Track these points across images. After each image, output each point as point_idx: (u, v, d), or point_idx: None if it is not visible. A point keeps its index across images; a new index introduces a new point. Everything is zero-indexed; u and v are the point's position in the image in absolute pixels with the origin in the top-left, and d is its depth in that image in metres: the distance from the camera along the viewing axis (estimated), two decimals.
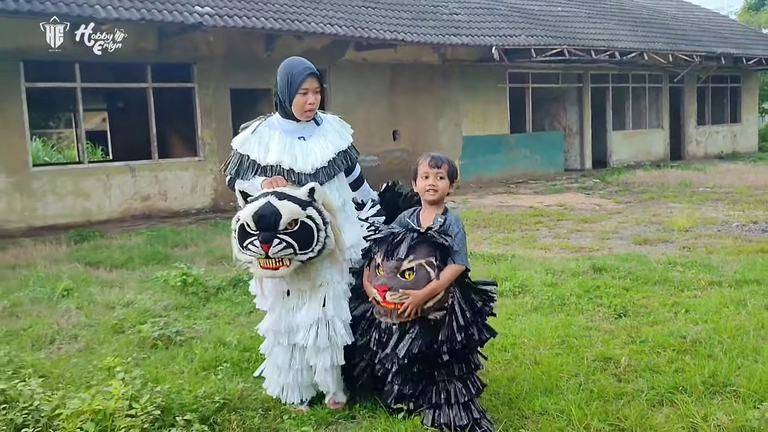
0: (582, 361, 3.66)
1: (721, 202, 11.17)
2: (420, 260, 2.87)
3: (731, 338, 3.84)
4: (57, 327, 4.67)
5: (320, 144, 3.22)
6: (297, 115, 3.17)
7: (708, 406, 2.95)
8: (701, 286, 5.32)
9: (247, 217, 2.82)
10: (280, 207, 2.83)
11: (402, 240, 2.93)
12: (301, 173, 3.11)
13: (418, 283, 2.84)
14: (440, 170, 3.04)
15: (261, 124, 3.21)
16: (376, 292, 2.90)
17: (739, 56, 20.01)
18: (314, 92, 3.16)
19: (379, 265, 2.95)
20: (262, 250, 2.81)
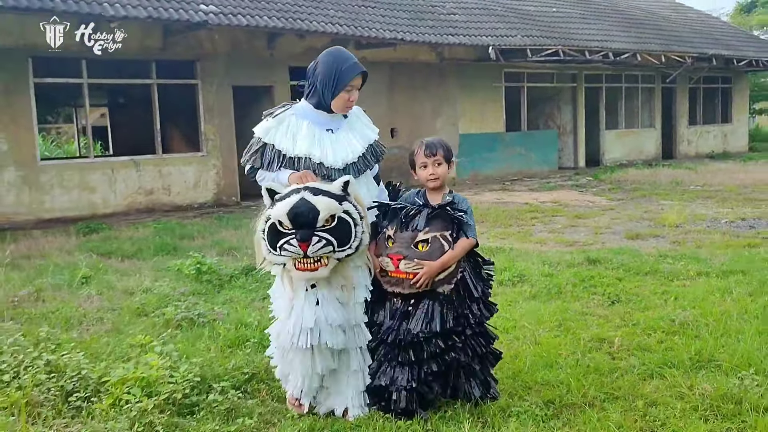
0: (578, 342, 3.96)
1: (711, 200, 11.52)
2: (435, 233, 2.92)
3: (716, 321, 4.15)
4: (83, 310, 4.93)
5: (349, 138, 3.11)
6: (336, 110, 3.07)
7: (693, 378, 3.26)
8: (690, 276, 5.63)
9: (281, 215, 2.70)
10: (316, 203, 2.70)
11: (418, 213, 2.99)
12: (331, 168, 2.99)
13: (433, 255, 2.88)
14: (436, 157, 3.09)
15: (287, 112, 3.06)
16: (388, 261, 2.91)
17: (730, 57, 20.37)
18: (357, 89, 3.11)
19: (390, 237, 2.97)
20: (300, 249, 2.69)
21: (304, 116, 3.04)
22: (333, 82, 2.99)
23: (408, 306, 2.95)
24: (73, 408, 2.94)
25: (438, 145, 3.13)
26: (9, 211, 10.37)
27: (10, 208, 10.39)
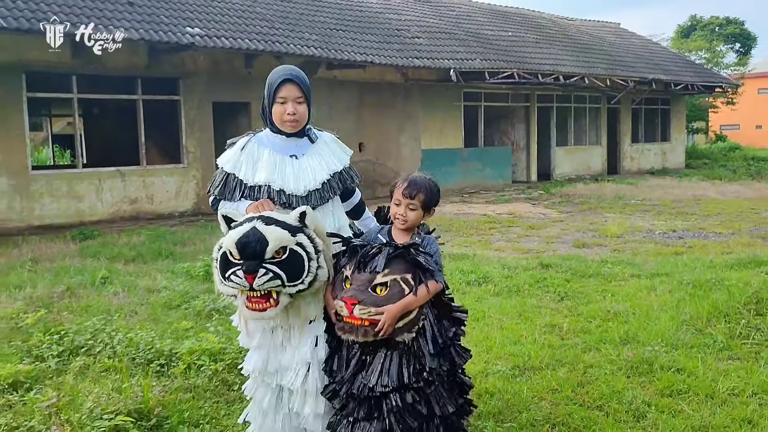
0: (535, 327, 5.00)
1: (649, 213, 12.85)
2: (395, 275, 2.63)
3: (641, 311, 5.24)
4: (116, 304, 5.75)
5: (313, 164, 2.93)
6: (279, 126, 2.90)
7: (621, 350, 4.32)
8: (624, 278, 6.76)
9: (230, 244, 2.53)
10: (266, 233, 2.54)
11: (378, 252, 2.70)
12: (292, 195, 2.83)
13: (390, 300, 2.60)
14: (413, 201, 2.82)
15: (250, 141, 2.92)
16: (342, 305, 2.61)
17: (668, 82, 22.07)
18: (294, 101, 2.86)
19: (348, 278, 2.69)
20: (246, 281, 2.51)
21: (265, 144, 2.90)
22: (267, 97, 2.89)
23: (364, 355, 2.69)
24: (155, 371, 3.82)
25: (422, 188, 2.84)
26: (1, 217, 10.96)
27: (1, 215, 10.97)
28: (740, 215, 12.37)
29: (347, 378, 2.68)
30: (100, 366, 3.81)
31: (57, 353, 4.04)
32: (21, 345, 4.31)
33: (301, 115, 2.88)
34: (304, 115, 2.89)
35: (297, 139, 2.94)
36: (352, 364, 2.69)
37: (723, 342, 4.35)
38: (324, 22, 14.99)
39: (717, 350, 4.25)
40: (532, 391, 3.62)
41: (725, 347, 4.28)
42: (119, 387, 3.42)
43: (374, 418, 2.67)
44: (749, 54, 50.13)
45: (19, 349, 4.25)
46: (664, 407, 3.39)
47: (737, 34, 49.69)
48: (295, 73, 2.89)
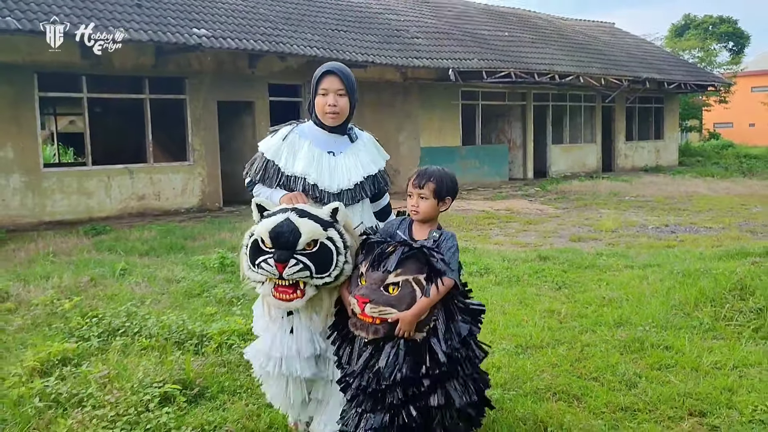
0: (535, 312, 5.36)
1: (642, 209, 13.24)
2: (407, 276, 2.66)
3: (634, 298, 5.61)
4: (139, 293, 6.08)
5: (349, 163, 2.99)
6: (320, 118, 2.96)
7: (614, 331, 4.69)
8: (618, 268, 7.13)
9: (263, 232, 2.63)
10: (300, 225, 2.63)
11: (392, 251, 2.72)
12: (324, 191, 2.91)
13: (402, 300, 2.63)
14: (422, 191, 2.86)
15: (292, 131, 3.01)
16: (355, 302, 2.67)
17: (661, 81, 22.47)
18: (336, 94, 2.92)
19: (363, 275, 2.73)
20: (276, 269, 2.61)
21: (306, 136, 2.99)
22: (312, 89, 2.98)
23: (374, 350, 2.74)
24: (188, 350, 4.17)
25: (431, 177, 2.89)
26: (14, 213, 11.28)
27: (15, 211, 11.30)
28: (730, 211, 12.77)
29: (358, 371, 2.73)
30: (138, 345, 4.16)
31: (97, 334, 4.39)
32: (62, 327, 4.66)
33: (342, 107, 2.93)
34: (345, 108, 2.95)
35: (338, 136, 3.00)
36: (362, 358, 2.73)
37: (708, 324, 4.72)
38: (325, 22, 15.34)
39: (703, 331, 4.62)
40: (535, 366, 3.99)
41: (710, 328, 4.66)
42: (161, 362, 3.77)
43: (380, 410, 2.72)
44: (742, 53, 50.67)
45: (60, 330, 4.60)
46: (653, 378, 3.76)
47: (730, 33, 50.20)
48: (339, 67, 2.97)
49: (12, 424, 3.10)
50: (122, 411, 3.04)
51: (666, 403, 3.40)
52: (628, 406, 3.38)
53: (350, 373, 2.77)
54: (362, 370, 2.73)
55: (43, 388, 3.40)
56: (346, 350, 2.82)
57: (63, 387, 3.40)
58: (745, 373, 3.82)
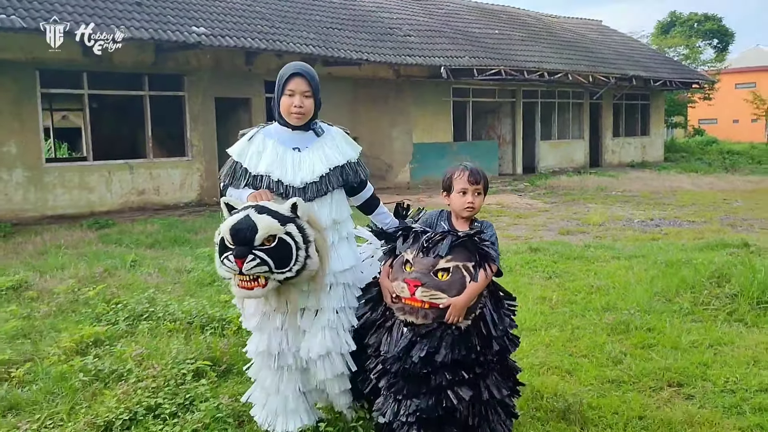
0: (528, 299, 5.73)
1: (628, 204, 13.68)
2: (458, 262, 2.71)
3: (620, 286, 6.00)
4: (153, 282, 6.39)
5: (314, 157, 3.04)
6: (285, 118, 3.03)
7: (602, 315, 5.07)
8: (606, 259, 7.52)
9: (225, 230, 2.70)
10: (257, 221, 2.68)
11: (441, 239, 2.78)
12: (289, 186, 2.97)
13: (452, 285, 2.67)
14: (479, 186, 2.96)
15: (258, 132, 3.08)
16: (404, 286, 2.70)
17: (647, 78, 22.94)
18: (302, 95, 2.99)
19: (408, 262, 2.77)
20: (236, 265, 2.66)
21: (271, 135, 3.06)
22: (276, 89, 3.04)
23: (415, 336, 2.76)
24: (210, 332, 4.51)
25: (481, 173, 3.02)
26: (17, 208, 11.53)
27: (18, 206, 11.55)
28: (713, 205, 13.23)
29: (399, 354, 2.74)
30: (164, 328, 4.49)
31: (123, 318, 4.71)
32: (89, 313, 4.98)
33: (307, 108, 3.01)
34: (310, 108, 3.02)
35: (302, 133, 3.06)
36: (402, 344, 2.74)
37: (688, 308, 5.12)
38: (321, 21, 15.64)
39: (682, 315, 5.01)
40: (530, 345, 4.36)
41: (689, 312, 5.05)
42: (189, 342, 4.11)
43: (424, 394, 2.73)
44: (727, 50, 51.37)
45: (87, 316, 4.92)
46: (637, 356, 4.14)
47: (715, 30, 50.88)
48: (305, 69, 3.03)
49: (60, 397, 3.43)
50: (162, 384, 3.37)
51: (648, 376, 3.79)
52: (614, 379, 3.76)
53: (391, 359, 2.78)
54: (403, 355, 2.73)
55: (83, 365, 3.73)
56: (384, 337, 2.85)
57: (102, 364, 3.73)
58: (719, 350, 4.21)
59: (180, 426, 2.98)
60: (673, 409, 3.33)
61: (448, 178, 3.01)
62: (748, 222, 10.78)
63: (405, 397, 2.77)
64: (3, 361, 3.83)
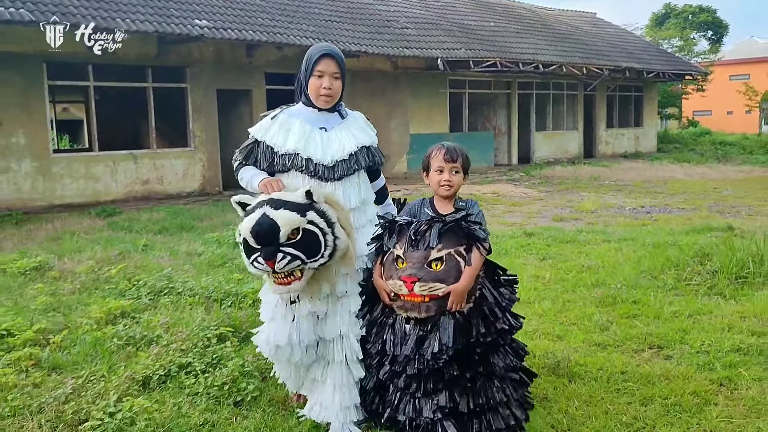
0: (523, 277, 6.06)
1: (621, 192, 14.04)
2: (450, 249, 2.70)
3: (609, 265, 6.36)
4: (167, 264, 6.72)
5: (342, 136, 3.01)
6: (313, 100, 3.00)
7: (591, 290, 5.43)
8: (597, 242, 7.88)
9: (245, 232, 2.63)
10: (277, 218, 2.60)
11: (428, 228, 2.75)
12: (319, 164, 2.91)
13: (449, 273, 2.67)
14: (455, 164, 2.94)
15: (282, 112, 3.03)
16: (401, 284, 2.68)
17: (641, 70, 23.28)
18: (331, 76, 2.98)
19: (399, 257, 2.74)
20: (267, 266, 2.61)
21: (296, 115, 3.02)
22: (305, 70, 3.00)
23: (421, 330, 2.75)
24: (228, 305, 4.85)
25: (460, 151, 3.01)
26: (26, 197, 11.84)
27: (26, 195, 11.85)
28: (703, 194, 13.60)
29: (411, 355, 2.72)
30: (185, 301, 4.83)
31: (146, 294, 5.05)
32: (113, 289, 5.31)
33: (336, 90, 3.01)
34: (338, 90, 3.03)
35: (328, 114, 3.04)
36: (411, 341, 2.73)
37: (672, 284, 5.48)
38: (319, 13, 15.93)
39: (666, 290, 5.37)
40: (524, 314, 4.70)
41: (673, 287, 5.41)
42: (209, 313, 4.45)
43: (439, 390, 2.72)
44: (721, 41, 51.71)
45: (111, 291, 5.26)
46: (622, 324, 4.50)
47: (709, 22, 51.20)
48: (334, 50, 3.03)
49: (98, 358, 3.77)
50: (190, 346, 3.72)
51: (631, 340, 4.15)
52: (600, 343, 4.12)
53: (401, 360, 2.76)
54: (415, 354, 2.72)
55: (115, 332, 4.07)
56: (387, 336, 2.82)
57: (132, 331, 4.07)
58: (698, 319, 4.57)
59: (211, 380, 3.32)
60: (652, 366, 3.69)
61: (426, 157, 3.05)
62: (736, 209, 11.16)
63: (425, 395, 2.74)
64: (41, 329, 4.17)
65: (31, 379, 3.42)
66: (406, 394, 2.80)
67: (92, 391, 3.23)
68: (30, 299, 5.10)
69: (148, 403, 3.02)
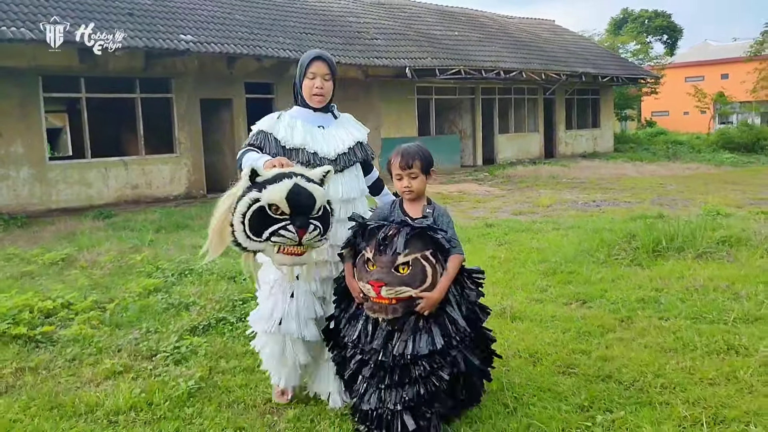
0: (481, 258, 7.22)
1: (576, 189, 15.33)
2: (416, 254, 2.79)
3: (554, 246, 7.56)
4: (177, 255, 7.72)
5: (339, 132, 3.28)
6: (307, 100, 3.23)
7: (537, 265, 6.60)
8: (548, 230, 9.08)
9: (277, 199, 2.64)
10: (313, 191, 2.72)
11: (397, 233, 2.84)
12: (324, 158, 3.15)
13: (415, 278, 2.77)
14: (412, 170, 3.01)
15: (283, 114, 3.28)
16: (369, 288, 2.79)
17: (596, 75, 24.76)
18: (323, 78, 3.21)
19: (369, 260, 2.84)
20: (297, 236, 2.65)
21: (297, 116, 3.26)
22: (298, 74, 3.26)
23: (390, 326, 2.89)
24: (243, 280, 5.89)
25: (415, 155, 3.06)
26: (24, 202, 12.67)
27: (25, 200, 12.69)
28: (649, 189, 14.96)
29: (378, 348, 2.85)
30: (207, 278, 5.89)
31: (171, 274, 6.09)
32: (141, 272, 6.33)
33: (327, 90, 3.26)
34: (329, 90, 3.27)
35: (323, 114, 3.29)
36: (381, 335, 2.86)
37: (603, 258, 6.68)
38: (295, 26, 16.99)
39: (598, 264, 6.57)
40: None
41: (603, 262, 6.62)
42: (231, 285, 5.51)
43: (405, 384, 2.82)
44: (676, 45, 53.92)
45: (140, 274, 6.28)
46: (558, 287, 5.68)
47: (665, 27, 53.42)
48: (325, 54, 3.31)
49: (147, 318, 4.81)
50: (222, 306, 4.78)
51: (563, 297, 5.33)
52: (538, 299, 5.29)
53: (368, 350, 2.89)
54: (383, 346, 2.85)
55: (157, 301, 5.11)
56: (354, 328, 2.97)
57: (171, 299, 5.12)
58: (618, 282, 5.77)
59: (243, 329, 4.39)
60: (575, 311, 4.87)
61: (387, 164, 3.13)
62: (675, 201, 12.50)
63: (388, 387, 2.85)
64: (95, 300, 5.18)
65: (103, 332, 4.46)
66: (372, 384, 2.90)
67: (155, 337, 4.28)
68: (72, 282, 6.09)
69: (201, 340, 4.09)
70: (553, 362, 3.81)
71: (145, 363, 3.91)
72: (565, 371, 3.69)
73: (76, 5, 13.06)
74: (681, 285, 5.44)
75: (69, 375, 3.77)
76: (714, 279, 5.56)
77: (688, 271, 5.89)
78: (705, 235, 6.88)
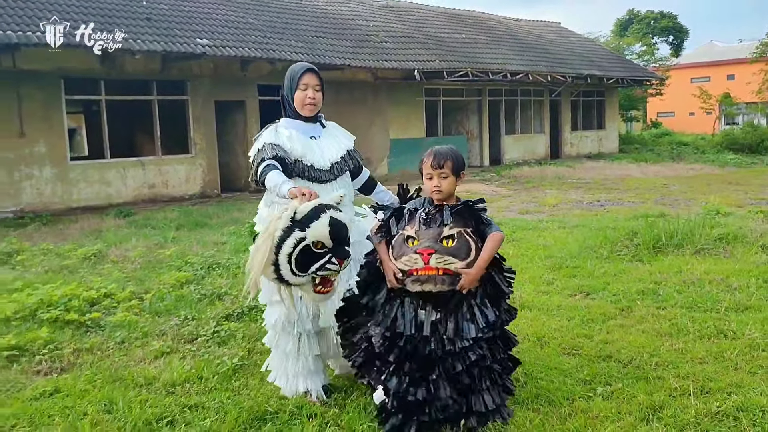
0: None
1: (581, 189, 15.69)
2: (460, 228, 2.87)
3: (560, 243, 7.94)
4: (198, 250, 8.13)
5: (330, 142, 3.42)
6: (299, 110, 3.36)
7: (544, 261, 6.98)
8: (554, 229, 9.46)
9: (322, 236, 2.75)
10: (344, 220, 2.84)
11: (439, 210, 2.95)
12: (319, 169, 3.30)
13: (460, 249, 2.83)
14: (443, 170, 3.04)
15: (278, 127, 3.38)
16: (417, 257, 2.82)
17: (602, 77, 25.11)
18: (314, 88, 3.35)
19: (411, 237, 2.91)
20: (339, 266, 2.78)
21: (290, 127, 3.38)
22: (290, 85, 3.37)
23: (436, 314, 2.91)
24: None
25: (447, 156, 3.10)
26: (47, 201, 13.12)
27: (47, 199, 13.14)
28: (653, 189, 15.29)
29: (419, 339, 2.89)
30: (234, 271, 6.29)
31: (200, 268, 6.50)
32: (171, 265, 6.74)
33: (318, 100, 3.39)
34: (320, 100, 3.41)
35: (312, 124, 3.43)
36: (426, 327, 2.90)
37: (606, 254, 7.06)
38: (306, 30, 17.41)
39: (601, 259, 6.94)
40: None
41: (606, 257, 6.99)
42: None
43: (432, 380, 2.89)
44: (682, 46, 54.15)
45: (171, 267, 6.69)
46: (563, 279, 6.06)
47: (671, 28, 53.68)
48: (314, 67, 3.45)
49: (184, 307, 5.21)
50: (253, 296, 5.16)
51: (568, 289, 5.71)
52: (545, 291, 5.67)
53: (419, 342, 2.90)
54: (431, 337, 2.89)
55: (190, 291, 5.52)
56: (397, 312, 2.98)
57: (204, 290, 5.52)
58: (619, 276, 6.14)
59: None
60: (579, 302, 5.26)
61: (420, 163, 3.20)
62: (677, 201, 12.85)
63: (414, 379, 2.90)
64: (132, 291, 5.59)
65: (145, 319, 4.87)
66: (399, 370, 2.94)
67: (193, 323, 4.69)
68: (107, 275, 6.50)
69: (238, 325, 4.49)
70: (559, 345, 4.19)
71: (188, 345, 4.31)
72: (569, 352, 4.08)
73: (103, 10, 13.53)
74: (679, 278, 5.82)
75: (122, 355, 4.17)
76: (710, 273, 5.93)
77: (686, 266, 6.26)
78: (703, 232, 7.26)
